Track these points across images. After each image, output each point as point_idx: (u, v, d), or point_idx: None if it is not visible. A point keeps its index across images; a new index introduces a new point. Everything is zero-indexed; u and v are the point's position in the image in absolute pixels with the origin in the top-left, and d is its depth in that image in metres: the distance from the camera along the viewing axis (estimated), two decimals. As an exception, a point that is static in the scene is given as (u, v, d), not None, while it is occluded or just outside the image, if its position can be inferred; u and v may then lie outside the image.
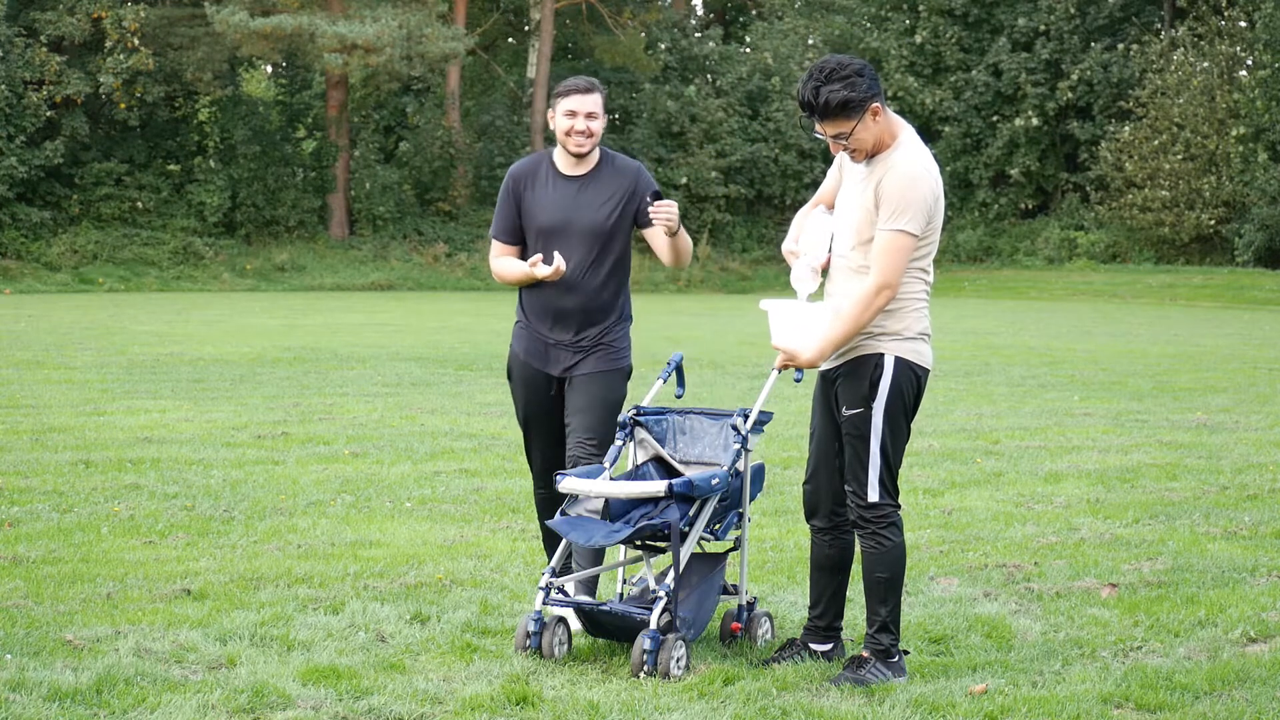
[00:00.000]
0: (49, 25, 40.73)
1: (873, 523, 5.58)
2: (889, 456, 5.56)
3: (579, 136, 6.25)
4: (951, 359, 20.02)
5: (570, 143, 6.28)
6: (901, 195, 5.45)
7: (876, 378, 5.53)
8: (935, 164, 5.60)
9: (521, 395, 6.51)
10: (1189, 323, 30.77)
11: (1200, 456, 11.22)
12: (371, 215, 45.66)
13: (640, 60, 49.23)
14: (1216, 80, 45.17)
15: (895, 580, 5.58)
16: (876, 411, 5.53)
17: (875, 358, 5.54)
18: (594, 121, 6.25)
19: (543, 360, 6.41)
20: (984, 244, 48.67)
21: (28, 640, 5.77)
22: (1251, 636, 6.17)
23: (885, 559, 5.56)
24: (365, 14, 42.08)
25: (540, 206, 6.35)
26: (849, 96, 5.43)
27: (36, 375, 15.76)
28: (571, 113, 6.24)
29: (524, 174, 6.42)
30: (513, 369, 6.54)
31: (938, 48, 49.59)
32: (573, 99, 6.24)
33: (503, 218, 6.44)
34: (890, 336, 5.54)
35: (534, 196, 6.37)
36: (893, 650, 5.58)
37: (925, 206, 5.48)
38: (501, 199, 6.46)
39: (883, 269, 5.44)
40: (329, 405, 13.69)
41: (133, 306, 30.72)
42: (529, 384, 6.47)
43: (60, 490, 9.04)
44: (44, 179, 41.04)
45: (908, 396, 5.58)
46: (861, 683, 5.45)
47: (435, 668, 5.61)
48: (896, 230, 5.44)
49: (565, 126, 6.26)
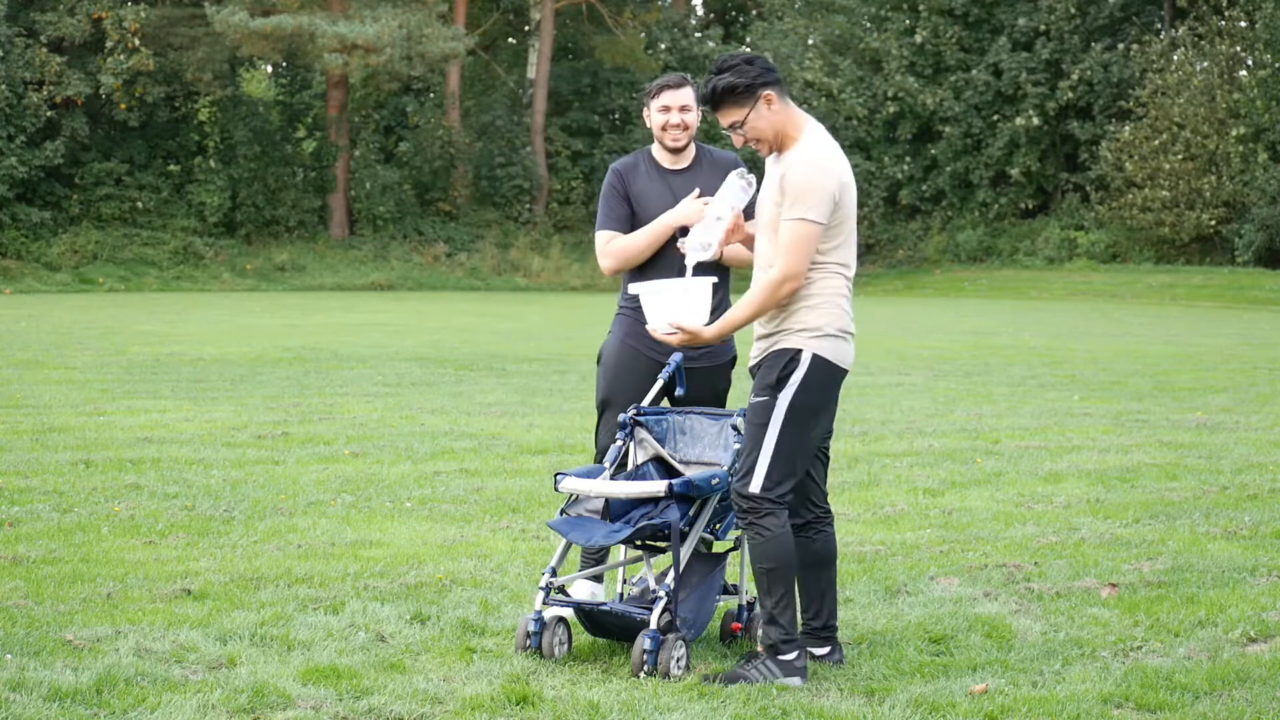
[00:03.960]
0: (49, 26, 40.75)
1: (749, 513, 5.51)
2: (784, 452, 5.48)
3: (675, 130, 6.35)
4: (951, 359, 20.03)
5: (667, 137, 6.38)
6: (802, 184, 5.44)
7: (789, 371, 5.50)
8: (842, 157, 5.58)
9: (611, 376, 6.45)
10: (1189, 323, 30.77)
11: (1200, 456, 11.22)
12: (371, 215, 45.69)
13: (640, 60, 49.28)
14: (1216, 80, 45.17)
15: (780, 572, 5.47)
16: (781, 402, 5.48)
17: (793, 351, 5.52)
18: (688, 114, 6.34)
19: (650, 345, 6.37)
20: (984, 244, 48.67)
21: (28, 640, 5.77)
22: (1251, 636, 6.17)
23: (767, 549, 5.47)
24: (365, 14, 42.10)
25: (649, 199, 6.41)
26: (735, 82, 5.53)
27: (36, 375, 15.77)
28: (666, 108, 6.34)
29: (627, 169, 6.51)
30: (605, 351, 6.52)
31: (938, 47, 49.58)
32: (666, 95, 6.35)
33: (613, 208, 6.45)
34: (810, 332, 5.51)
35: (640, 190, 6.44)
36: (783, 647, 5.46)
37: (828, 195, 5.44)
38: (607, 194, 6.50)
39: (786, 259, 5.45)
40: (329, 405, 13.69)
41: (133, 306, 30.72)
42: (626, 366, 6.42)
43: (60, 490, 9.04)
44: (44, 179, 41.07)
45: (818, 394, 5.51)
46: (741, 680, 5.38)
47: (435, 668, 5.61)
48: (798, 219, 5.44)
49: (660, 122, 6.36)
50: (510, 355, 19.18)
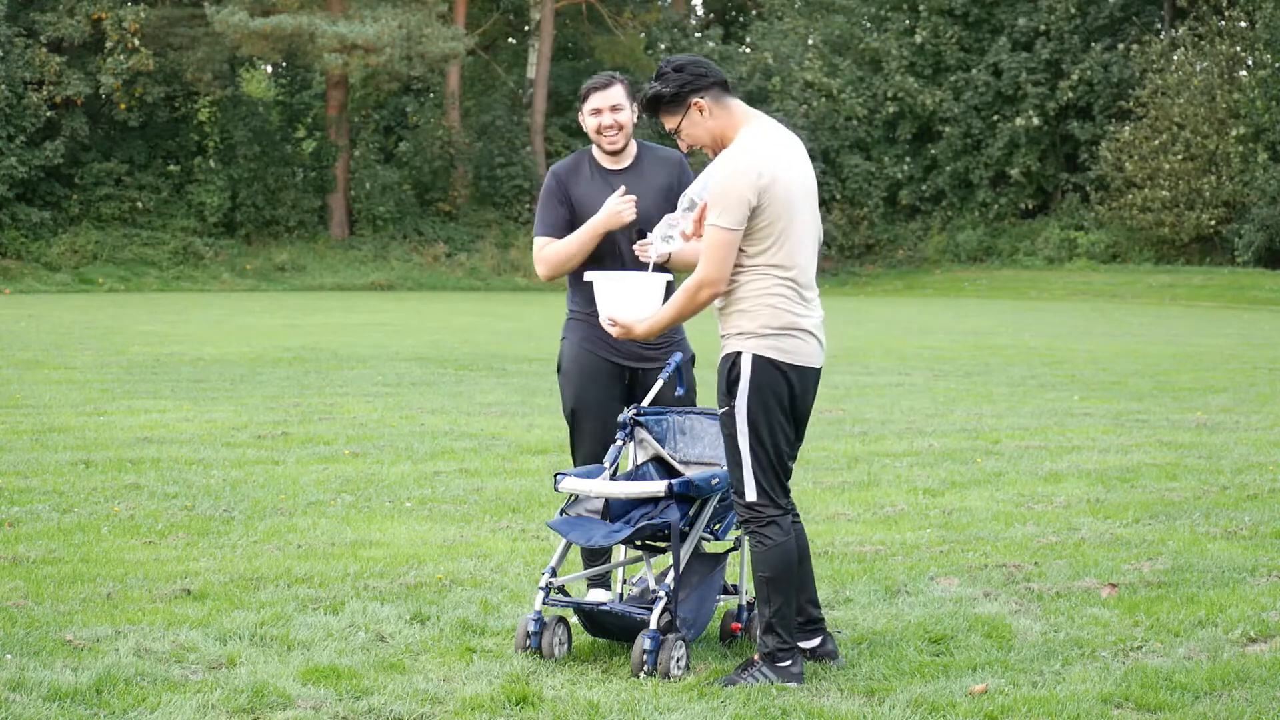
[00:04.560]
0: (49, 26, 40.75)
1: (751, 521, 5.54)
2: (760, 455, 5.49)
3: (610, 132, 6.33)
4: (951, 359, 20.03)
5: (604, 140, 6.35)
6: (718, 190, 5.45)
7: (735, 376, 5.51)
8: (773, 156, 5.49)
9: (576, 384, 6.41)
10: (1189, 323, 30.76)
11: (1200, 456, 11.22)
12: (371, 215, 45.68)
13: (640, 60, 49.25)
14: (1216, 80, 45.16)
15: (779, 581, 5.49)
16: (739, 410, 5.50)
17: (733, 356, 5.53)
18: (619, 114, 6.30)
19: (608, 348, 6.36)
20: (984, 244, 48.67)
21: (28, 640, 5.77)
22: (1251, 636, 6.17)
23: (766, 558, 5.49)
24: (365, 14, 42.10)
25: (589, 200, 6.36)
26: (661, 91, 5.57)
27: (36, 375, 15.77)
28: (596, 110, 6.32)
29: (566, 171, 6.46)
30: (564, 360, 6.48)
31: (938, 47, 49.57)
32: (594, 97, 6.32)
33: (550, 213, 6.40)
34: (746, 335, 5.51)
35: (581, 192, 6.39)
36: (780, 655, 5.48)
37: (741, 200, 5.40)
38: (545, 198, 6.43)
39: (703, 265, 5.48)
40: (329, 405, 13.69)
41: (133, 306, 30.73)
42: (588, 373, 6.39)
43: (60, 490, 9.04)
44: (44, 179, 41.07)
45: (771, 394, 5.49)
46: (738, 683, 5.41)
47: (435, 668, 5.61)
48: (711, 225, 5.45)
49: (594, 125, 6.34)
50: (510, 355, 19.17)
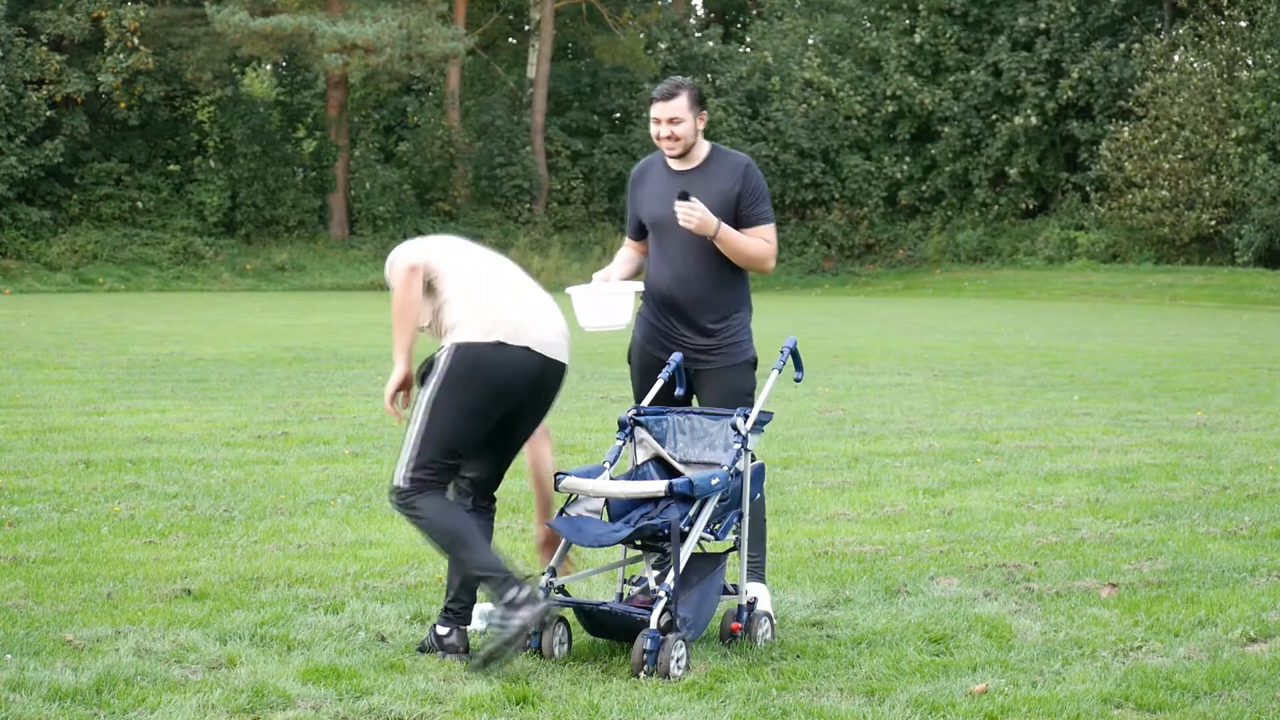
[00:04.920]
0: (49, 25, 40.73)
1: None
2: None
3: (667, 141, 6.48)
4: (951, 359, 20.03)
5: (663, 147, 6.52)
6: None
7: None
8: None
9: (637, 381, 6.62)
10: (1189, 323, 30.76)
11: (1200, 456, 11.22)
12: (371, 215, 45.67)
13: (640, 60, 49.24)
14: (1216, 80, 45.15)
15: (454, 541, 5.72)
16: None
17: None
18: (677, 126, 6.41)
19: (664, 348, 6.49)
20: (984, 244, 48.64)
21: (28, 640, 5.77)
22: (1251, 636, 6.17)
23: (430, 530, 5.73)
24: (365, 14, 42.08)
25: (649, 200, 6.56)
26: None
27: (36, 375, 15.77)
28: (656, 120, 6.48)
29: (640, 170, 6.71)
30: (631, 354, 6.69)
31: (937, 47, 49.55)
32: (655, 107, 6.48)
33: (629, 215, 6.73)
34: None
35: (645, 192, 6.60)
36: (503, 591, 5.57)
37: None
38: (627, 198, 6.76)
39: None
40: (329, 405, 13.69)
41: (133, 306, 30.72)
42: (647, 369, 6.55)
43: (60, 490, 9.04)
44: (44, 179, 41.05)
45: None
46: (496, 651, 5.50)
47: (435, 668, 5.61)
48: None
49: (654, 133, 6.52)
50: (510, 355, 19.06)
